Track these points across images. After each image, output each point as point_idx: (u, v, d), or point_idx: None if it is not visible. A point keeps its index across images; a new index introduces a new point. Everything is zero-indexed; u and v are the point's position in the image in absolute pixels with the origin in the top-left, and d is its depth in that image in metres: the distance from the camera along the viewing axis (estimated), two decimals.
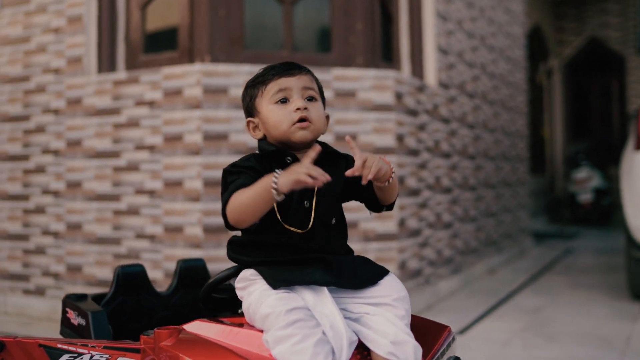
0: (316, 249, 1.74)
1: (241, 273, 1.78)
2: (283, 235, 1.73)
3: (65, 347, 2.00)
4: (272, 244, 1.74)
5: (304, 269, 1.70)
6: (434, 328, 1.86)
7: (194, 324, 1.78)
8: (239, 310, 1.85)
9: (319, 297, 1.64)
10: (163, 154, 4.19)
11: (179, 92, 4.17)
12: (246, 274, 1.75)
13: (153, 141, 4.24)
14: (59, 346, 2.01)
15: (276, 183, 1.56)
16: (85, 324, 2.22)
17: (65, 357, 1.97)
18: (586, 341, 3.86)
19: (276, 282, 1.64)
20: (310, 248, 1.74)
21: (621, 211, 4.93)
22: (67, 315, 2.40)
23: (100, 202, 4.39)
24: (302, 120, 1.76)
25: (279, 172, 1.58)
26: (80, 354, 1.96)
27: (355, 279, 1.71)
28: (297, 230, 1.73)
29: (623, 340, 3.88)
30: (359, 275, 1.72)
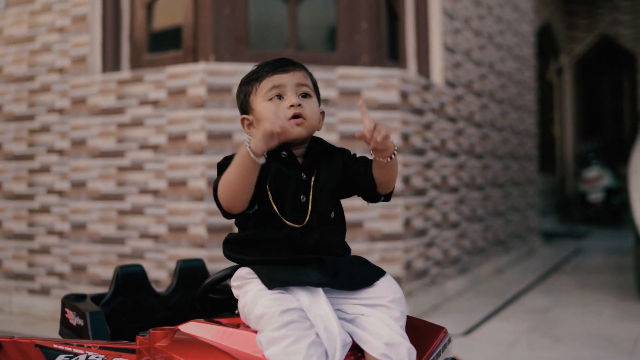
0: (313, 244, 1.73)
1: (237, 271, 1.77)
2: (280, 229, 1.72)
3: (61, 347, 2.00)
4: (269, 239, 1.73)
5: (299, 269, 1.69)
6: (430, 329, 1.84)
7: (189, 324, 1.77)
8: (236, 311, 1.84)
9: (313, 298, 1.63)
10: (167, 154, 4.18)
11: (183, 91, 4.16)
12: (242, 272, 1.74)
13: (157, 141, 4.23)
14: (55, 346, 2.01)
15: (250, 147, 1.58)
16: (83, 324, 2.22)
17: (61, 357, 1.97)
18: (593, 342, 3.82)
19: (271, 283, 1.63)
20: (307, 244, 1.73)
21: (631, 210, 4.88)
22: (66, 316, 2.40)
23: (105, 201, 4.39)
24: (296, 116, 1.75)
25: (250, 138, 1.61)
26: (76, 354, 1.96)
27: (350, 280, 1.70)
28: (294, 224, 1.72)
29: (631, 341, 3.83)
30: (354, 276, 1.71)
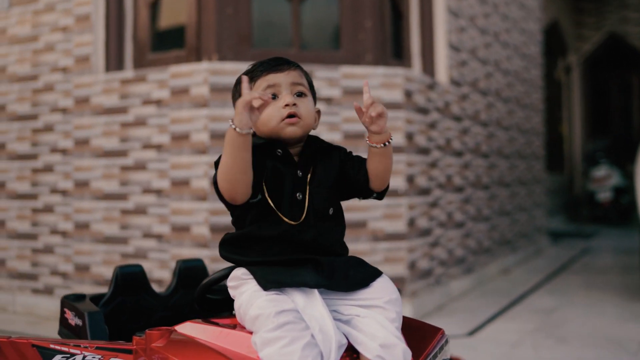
0: (310, 242, 1.72)
1: (233, 272, 1.77)
2: (277, 226, 1.72)
3: (58, 347, 2.00)
4: (266, 236, 1.72)
5: (295, 270, 1.68)
6: (427, 330, 1.83)
7: (185, 325, 1.77)
8: (233, 312, 1.84)
9: (309, 300, 1.63)
10: (170, 153, 4.18)
11: (186, 90, 4.15)
12: (238, 272, 1.74)
13: (160, 140, 4.22)
14: (51, 346, 2.01)
15: (234, 125, 1.58)
16: (82, 324, 2.22)
17: (57, 358, 1.97)
18: (598, 343, 3.78)
19: (267, 284, 1.63)
20: (304, 241, 1.72)
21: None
22: (65, 316, 2.41)
23: (108, 201, 4.39)
24: (291, 116, 1.75)
25: (230, 121, 1.62)
26: (73, 355, 1.96)
27: (346, 280, 1.70)
28: (291, 221, 1.71)
29: (636, 342, 3.79)
30: (350, 277, 1.70)
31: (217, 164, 1.75)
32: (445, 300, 4.91)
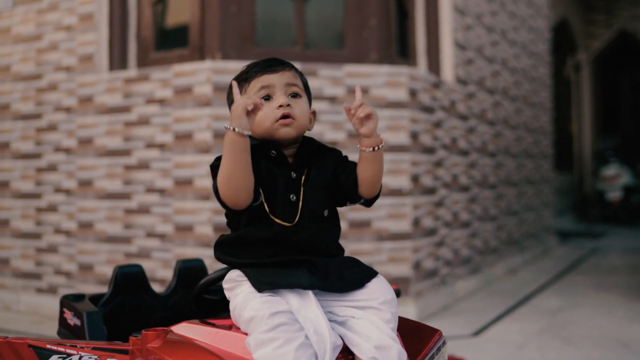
0: (304, 243, 1.71)
1: (228, 274, 1.76)
2: (270, 228, 1.71)
3: (54, 347, 2.00)
4: (259, 238, 1.71)
5: (289, 271, 1.67)
6: (424, 331, 1.80)
7: (181, 325, 1.77)
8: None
9: (303, 301, 1.62)
10: (173, 152, 4.16)
11: (189, 89, 4.13)
12: (233, 275, 1.73)
13: (163, 139, 4.20)
14: (48, 347, 2.00)
15: (232, 128, 1.58)
16: (80, 324, 2.22)
17: (54, 358, 1.97)
18: (604, 344, 3.74)
19: (261, 285, 1.62)
20: (298, 242, 1.71)
21: None
22: (64, 316, 2.40)
23: (111, 200, 4.38)
24: (285, 116, 1.74)
25: (228, 124, 1.61)
26: (69, 355, 1.95)
27: (341, 281, 1.68)
28: (284, 223, 1.70)
29: None
30: (345, 278, 1.69)
31: (213, 169, 1.74)
32: (451, 300, 4.88)
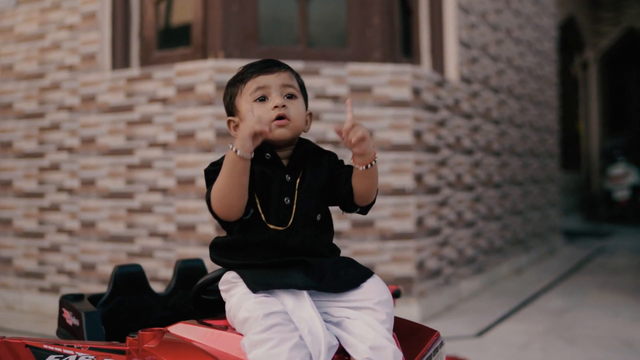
0: (297, 247, 1.71)
1: (224, 275, 1.77)
2: (263, 232, 1.71)
3: (51, 347, 2.01)
4: (254, 243, 1.72)
5: (284, 272, 1.67)
6: (421, 332, 1.80)
7: (178, 326, 1.77)
8: None
9: (298, 301, 1.62)
10: (176, 152, 4.15)
11: (191, 88, 4.12)
12: (228, 276, 1.73)
13: (166, 138, 4.19)
14: (45, 347, 2.01)
15: (236, 150, 1.58)
16: (79, 324, 2.22)
17: (51, 358, 1.98)
18: (609, 345, 3.71)
19: (255, 286, 1.62)
20: (291, 246, 1.71)
21: None
22: (63, 316, 2.41)
23: (114, 199, 4.37)
24: (280, 117, 1.73)
25: (231, 145, 1.61)
26: (66, 355, 1.96)
27: (336, 282, 1.68)
28: (278, 227, 1.71)
29: None
30: (341, 278, 1.69)
31: (208, 174, 1.75)
32: (455, 300, 4.85)
